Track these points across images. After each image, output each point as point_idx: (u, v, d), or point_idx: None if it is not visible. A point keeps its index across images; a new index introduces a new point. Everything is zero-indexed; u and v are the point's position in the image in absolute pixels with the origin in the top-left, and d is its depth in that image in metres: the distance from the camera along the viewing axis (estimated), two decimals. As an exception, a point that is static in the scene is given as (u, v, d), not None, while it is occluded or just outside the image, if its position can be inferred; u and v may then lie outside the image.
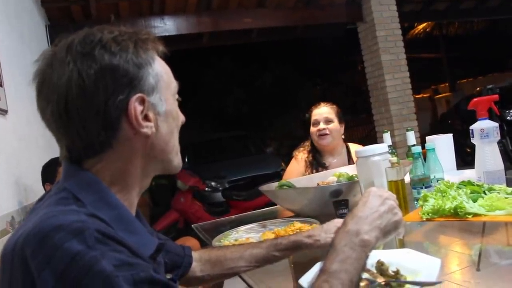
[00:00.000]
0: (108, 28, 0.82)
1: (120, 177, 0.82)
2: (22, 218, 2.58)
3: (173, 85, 0.88)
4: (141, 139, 0.81)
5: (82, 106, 0.75)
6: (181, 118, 0.92)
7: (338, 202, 1.74)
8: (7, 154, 2.53)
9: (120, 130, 0.78)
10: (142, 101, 0.79)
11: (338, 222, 1.19)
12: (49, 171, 2.71)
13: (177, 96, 0.90)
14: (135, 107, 0.78)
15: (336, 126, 2.63)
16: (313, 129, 2.65)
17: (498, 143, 1.76)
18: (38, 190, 3.04)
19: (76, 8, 5.12)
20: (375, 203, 0.92)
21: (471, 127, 1.77)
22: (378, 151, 1.63)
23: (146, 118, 0.80)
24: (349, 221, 0.89)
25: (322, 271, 0.81)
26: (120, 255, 0.68)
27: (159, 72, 0.83)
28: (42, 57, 0.81)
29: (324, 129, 2.60)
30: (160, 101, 0.82)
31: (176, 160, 0.89)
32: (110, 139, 0.78)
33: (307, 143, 2.76)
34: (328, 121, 2.63)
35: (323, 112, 2.66)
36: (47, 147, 3.64)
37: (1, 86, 2.63)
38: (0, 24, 2.89)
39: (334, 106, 2.72)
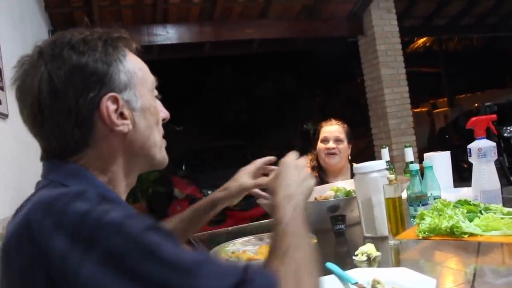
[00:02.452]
0: (79, 30, 0.84)
1: (102, 174, 0.83)
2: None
3: (150, 80, 0.89)
4: (118, 136, 0.82)
5: (54, 106, 0.77)
6: (163, 114, 0.93)
7: (335, 217, 1.75)
8: (7, 158, 2.54)
9: (95, 128, 0.80)
10: (115, 100, 0.80)
11: (244, 168, 1.47)
12: None
13: (156, 92, 0.91)
14: (107, 106, 0.79)
15: (345, 146, 2.58)
16: (321, 145, 2.58)
17: (495, 160, 1.77)
18: (35, 195, 3.04)
19: (79, 14, 5.16)
20: (295, 172, 1.02)
21: (468, 146, 1.78)
22: (376, 168, 1.64)
23: (121, 115, 0.81)
24: (280, 189, 0.97)
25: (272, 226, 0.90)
26: (124, 210, 0.70)
27: (132, 68, 0.84)
28: (18, 63, 0.83)
29: (334, 148, 2.54)
30: (135, 97, 0.84)
31: (159, 155, 0.90)
32: (85, 137, 0.79)
33: (311, 157, 2.67)
34: (338, 140, 2.56)
35: (334, 130, 2.59)
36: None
37: (3, 90, 2.63)
38: (4, 28, 2.90)
39: (345, 126, 2.65)
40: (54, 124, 0.78)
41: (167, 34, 5.42)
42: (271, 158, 1.51)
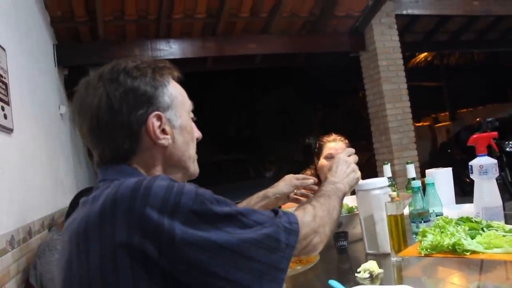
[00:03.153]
0: (132, 59, 1.01)
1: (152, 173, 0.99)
2: (22, 237, 2.58)
3: (188, 104, 1.06)
4: (160, 149, 0.98)
5: (110, 120, 0.93)
6: (197, 133, 1.08)
7: (337, 233, 1.76)
8: (12, 172, 2.56)
9: (142, 141, 0.96)
10: (159, 118, 0.96)
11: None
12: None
13: (192, 114, 1.07)
14: (153, 122, 0.95)
15: None
16: (324, 163, 2.55)
17: (498, 176, 1.78)
18: (40, 208, 3.05)
19: (83, 29, 5.21)
20: (344, 166, 1.36)
21: (470, 163, 1.80)
22: (379, 185, 1.66)
23: (163, 131, 0.97)
24: (330, 177, 1.31)
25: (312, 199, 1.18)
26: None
27: (174, 92, 1.01)
28: (80, 85, 1.00)
29: None
30: (175, 117, 1.00)
31: (193, 167, 1.06)
32: (134, 147, 0.95)
33: (309, 172, 2.68)
34: None
35: (339, 147, 2.56)
36: (51, 165, 3.67)
37: (8, 105, 2.66)
38: (11, 42, 2.94)
39: (347, 141, 2.66)
40: (109, 136, 0.94)
41: (170, 49, 5.47)
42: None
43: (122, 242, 0.81)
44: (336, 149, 2.56)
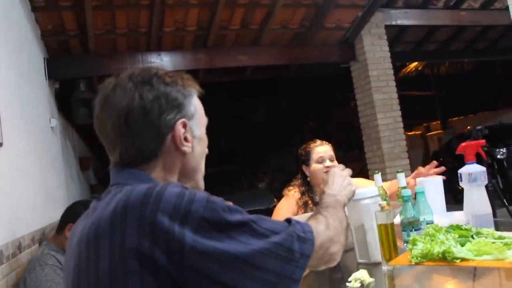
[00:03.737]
0: (158, 68, 1.04)
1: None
2: (12, 251, 2.55)
3: (205, 119, 1.09)
4: (180, 155, 1.00)
5: (141, 119, 0.95)
6: (206, 150, 1.09)
7: (329, 243, 1.75)
8: (1, 186, 2.54)
9: (166, 145, 0.98)
10: (184, 125, 0.99)
11: None
12: (72, 212, 2.66)
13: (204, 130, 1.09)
14: (179, 129, 0.98)
15: (336, 164, 2.65)
16: (318, 166, 2.60)
17: (489, 182, 1.79)
18: (30, 222, 3.02)
19: (74, 42, 5.21)
20: (340, 179, 1.37)
21: (459, 171, 1.80)
22: (368, 195, 1.66)
23: (185, 139, 0.99)
24: (327, 190, 1.31)
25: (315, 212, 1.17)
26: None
27: (197, 104, 1.05)
28: (106, 84, 1.02)
29: (331, 166, 2.61)
30: (196, 127, 1.03)
31: (201, 182, 1.07)
32: (157, 149, 0.97)
33: (297, 182, 2.71)
34: (332, 159, 2.64)
35: (327, 150, 2.66)
36: (42, 179, 3.64)
37: (-2, 119, 2.65)
38: (1, 57, 2.93)
39: (331, 145, 2.74)
40: (137, 134, 0.96)
41: (161, 62, 5.48)
42: None
43: (132, 248, 0.81)
44: (325, 151, 2.64)
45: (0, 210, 2.46)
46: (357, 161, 15.09)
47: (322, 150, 2.66)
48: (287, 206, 2.61)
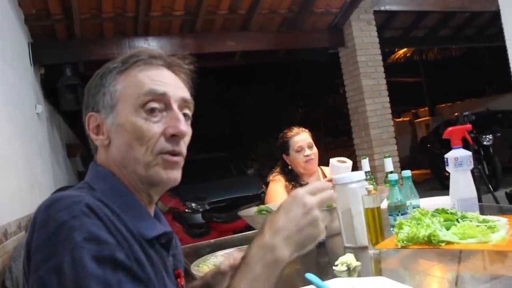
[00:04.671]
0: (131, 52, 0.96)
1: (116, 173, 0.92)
2: (-4, 239, 2.53)
3: (139, 94, 0.89)
4: (102, 149, 0.93)
5: None
6: (153, 130, 0.88)
7: (316, 228, 1.76)
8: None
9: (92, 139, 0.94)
10: (90, 119, 0.92)
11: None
12: None
13: (152, 105, 0.88)
14: (89, 123, 0.93)
15: (316, 150, 2.68)
16: (297, 155, 2.63)
17: (475, 168, 1.81)
18: (16, 209, 2.99)
19: (60, 27, 5.12)
20: (297, 213, 0.84)
21: (445, 156, 1.82)
22: (356, 179, 1.66)
23: (97, 132, 0.92)
24: (267, 231, 0.84)
25: (230, 287, 0.81)
26: (96, 229, 0.75)
27: (122, 87, 0.91)
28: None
29: (310, 154, 2.64)
30: (116, 114, 0.90)
31: (145, 172, 0.88)
32: (93, 144, 0.94)
33: (278, 169, 2.75)
34: (310, 146, 2.66)
35: (305, 138, 2.68)
36: (27, 166, 3.60)
37: (-19, 105, 2.60)
38: (-18, 43, 2.88)
39: (308, 130, 2.76)
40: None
41: (148, 47, 5.40)
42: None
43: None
44: (303, 140, 2.67)
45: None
46: (346, 147, 15.18)
47: (300, 138, 2.68)
48: (280, 188, 2.64)
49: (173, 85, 0.93)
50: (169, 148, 0.89)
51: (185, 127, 0.91)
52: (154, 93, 0.89)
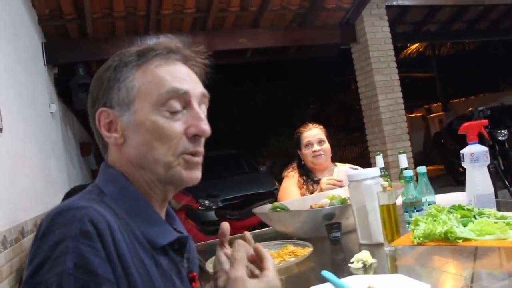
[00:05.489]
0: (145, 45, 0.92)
1: (127, 175, 0.87)
2: (15, 237, 2.56)
3: (159, 92, 0.84)
4: (114, 148, 0.87)
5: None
6: (174, 129, 0.84)
7: (330, 225, 1.76)
8: (1, 171, 2.53)
9: (102, 136, 0.87)
10: (101, 114, 0.86)
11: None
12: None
13: (173, 103, 0.85)
14: (100, 119, 0.86)
15: (327, 146, 2.69)
16: (306, 151, 2.67)
17: (490, 163, 1.78)
18: (31, 208, 3.03)
19: (72, 26, 5.16)
20: None
21: (461, 151, 1.80)
22: (371, 175, 1.65)
23: (109, 129, 0.86)
24: None
25: None
26: (90, 255, 0.70)
27: (140, 83, 0.85)
28: None
29: (319, 150, 2.65)
30: (132, 112, 0.84)
31: (166, 172, 0.84)
32: (103, 142, 0.89)
33: (294, 165, 2.79)
34: (321, 142, 2.67)
35: (315, 134, 2.70)
36: (42, 164, 3.64)
37: (-4, 105, 2.63)
38: (-2, 43, 2.91)
39: (322, 127, 2.78)
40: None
41: (164, 40, 5.42)
42: None
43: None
44: (313, 135, 2.70)
45: (1, 196, 2.46)
46: (358, 143, 15.10)
47: (310, 134, 2.71)
48: (292, 185, 2.68)
49: (192, 81, 0.90)
50: (191, 149, 0.86)
51: (207, 126, 0.87)
52: (176, 92, 0.85)
